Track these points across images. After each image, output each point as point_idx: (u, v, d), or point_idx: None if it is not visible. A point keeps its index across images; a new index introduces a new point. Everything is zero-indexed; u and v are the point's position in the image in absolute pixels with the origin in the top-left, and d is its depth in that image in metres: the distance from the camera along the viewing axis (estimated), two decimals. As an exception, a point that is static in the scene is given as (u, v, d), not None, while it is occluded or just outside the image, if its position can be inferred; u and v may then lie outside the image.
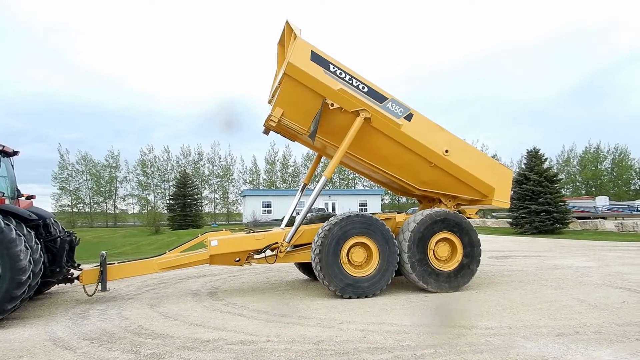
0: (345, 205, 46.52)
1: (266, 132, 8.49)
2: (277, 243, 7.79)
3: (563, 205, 28.13)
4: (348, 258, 7.43)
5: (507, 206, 8.51)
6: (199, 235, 8.24)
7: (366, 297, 7.35)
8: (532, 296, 7.23)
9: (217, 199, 67.98)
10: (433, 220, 7.74)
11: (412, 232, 7.63)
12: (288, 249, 7.99)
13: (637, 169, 65.80)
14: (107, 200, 64.23)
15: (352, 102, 7.58)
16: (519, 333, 5.16)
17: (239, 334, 5.45)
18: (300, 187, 9.91)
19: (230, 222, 63.11)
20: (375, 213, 8.77)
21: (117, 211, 65.23)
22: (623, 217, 28.74)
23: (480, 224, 39.24)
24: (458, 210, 9.30)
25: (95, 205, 63.80)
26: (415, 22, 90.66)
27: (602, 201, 38.82)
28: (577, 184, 67.43)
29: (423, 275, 7.58)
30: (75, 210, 62.16)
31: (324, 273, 7.29)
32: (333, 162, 7.82)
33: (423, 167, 8.26)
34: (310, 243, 7.72)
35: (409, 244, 7.57)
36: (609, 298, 6.94)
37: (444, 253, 7.81)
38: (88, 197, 63.08)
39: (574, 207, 32.33)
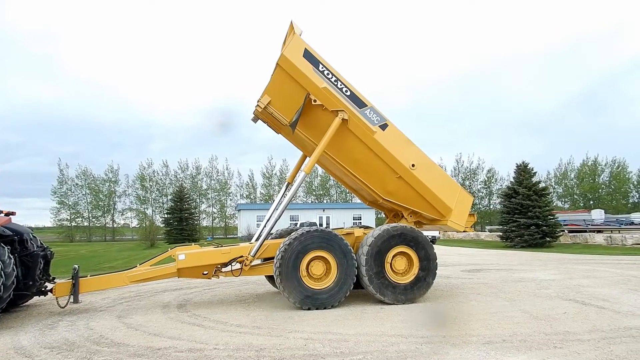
0: (340, 219, 46.80)
1: (254, 119, 8.89)
2: (242, 257, 8.18)
3: (552, 218, 28.43)
4: (307, 271, 7.80)
5: (462, 229, 8.89)
6: (169, 249, 8.63)
7: (325, 308, 7.71)
8: (482, 308, 7.57)
9: (214, 212, 68.38)
10: (390, 234, 8.12)
11: (369, 246, 8.00)
12: (254, 263, 8.38)
13: (635, 182, 65.96)
14: (105, 215, 64.74)
15: (333, 102, 8.11)
16: (449, 341, 5.51)
17: (191, 342, 5.81)
18: (284, 185, 10.27)
19: (228, 236, 63.45)
20: (336, 228, 9.16)
21: (115, 225, 65.66)
22: (611, 231, 28.92)
23: (475, 238, 39.53)
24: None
25: (93, 220, 64.31)
26: (417, 33, 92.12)
27: (597, 214, 38.87)
28: (575, 197, 67.55)
29: (380, 288, 7.94)
30: (73, 224, 62.66)
31: (284, 285, 7.66)
32: (312, 157, 8.27)
33: (389, 176, 8.69)
34: (276, 257, 8.08)
35: (367, 257, 7.94)
36: (553, 309, 7.27)
37: (400, 266, 8.16)
38: (87, 212, 63.64)
39: (565, 220, 32.52)
